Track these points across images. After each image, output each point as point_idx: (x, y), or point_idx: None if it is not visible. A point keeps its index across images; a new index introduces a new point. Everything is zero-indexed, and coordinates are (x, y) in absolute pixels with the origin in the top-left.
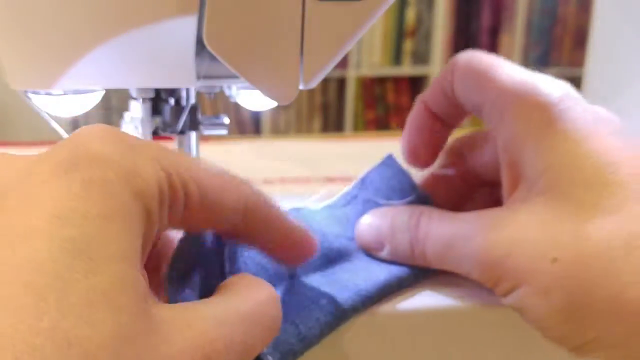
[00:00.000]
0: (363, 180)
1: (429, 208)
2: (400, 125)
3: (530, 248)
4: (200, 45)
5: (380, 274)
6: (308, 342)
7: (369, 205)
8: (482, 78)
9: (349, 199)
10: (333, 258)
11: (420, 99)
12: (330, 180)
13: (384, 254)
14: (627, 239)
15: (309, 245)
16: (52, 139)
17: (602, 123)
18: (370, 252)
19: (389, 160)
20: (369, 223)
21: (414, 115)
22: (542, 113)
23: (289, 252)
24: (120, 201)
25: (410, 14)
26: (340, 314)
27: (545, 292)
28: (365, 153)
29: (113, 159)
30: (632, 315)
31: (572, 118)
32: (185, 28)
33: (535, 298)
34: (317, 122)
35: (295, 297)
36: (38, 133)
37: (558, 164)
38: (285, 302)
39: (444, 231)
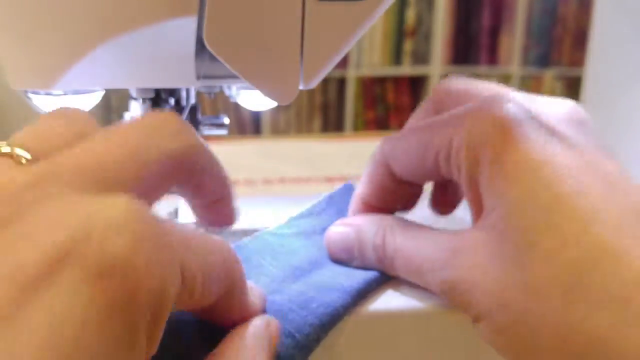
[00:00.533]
0: (330, 197)
1: (391, 223)
2: (401, 126)
3: (486, 289)
4: (200, 45)
5: (359, 272)
6: (308, 349)
7: (336, 218)
8: (425, 143)
9: (316, 212)
10: (308, 268)
11: (360, 201)
12: (330, 180)
13: (354, 264)
14: (564, 288)
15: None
16: None
17: (557, 152)
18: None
19: (349, 188)
20: (337, 237)
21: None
22: (493, 146)
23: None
24: (137, 329)
25: (410, 14)
26: (333, 313)
27: (499, 332)
28: (365, 153)
29: (141, 277)
30: (577, 356)
31: (524, 148)
32: (185, 28)
33: (492, 335)
34: (317, 122)
35: (283, 308)
36: None
37: (506, 201)
38: (276, 316)
39: (411, 253)
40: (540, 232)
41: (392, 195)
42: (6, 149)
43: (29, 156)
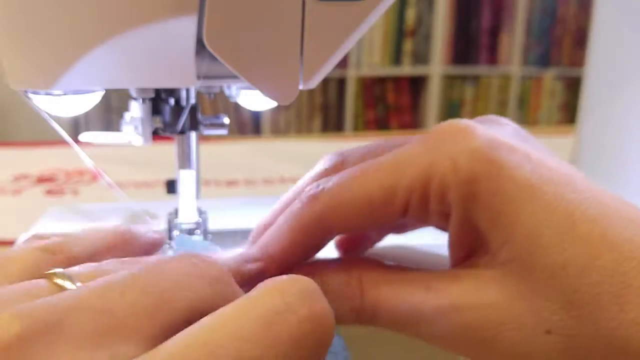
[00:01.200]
0: None
1: (364, 267)
2: (401, 125)
3: (522, 322)
4: (200, 45)
5: None
6: None
7: None
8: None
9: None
10: None
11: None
12: None
13: None
14: (609, 297)
15: None
16: (52, 139)
17: (543, 174)
18: None
19: None
20: None
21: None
22: (488, 179)
23: None
24: None
25: (410, 14)
26: None
27: None
28: None
29: None
30: None
31: (518, 175)
32: (185, 28)
33: None
34: (317, 122)
35: None
36: (38, 133)
37: (520, 232)
38: None
39: (401, 299)
40: (570, 247)
41: (314, 252)
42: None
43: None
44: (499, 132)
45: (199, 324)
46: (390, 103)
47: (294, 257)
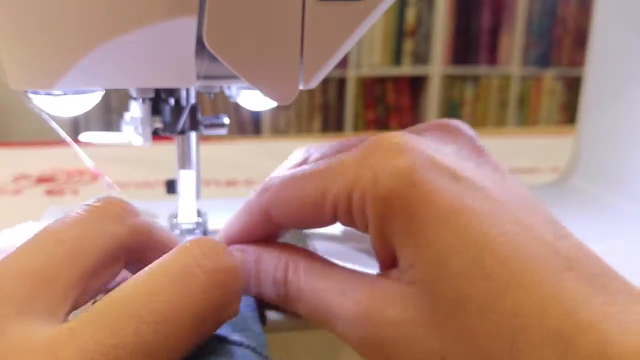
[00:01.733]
0: None
1: (295, 256)
2: (401, 126)
3: (419, 347)
4: (200, 45)
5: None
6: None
7: None
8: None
9: None
10: None
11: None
12: None
13: (251, 295)
14: (508, 338)
15: None
16: (52, 139)
17: (469, 197)
18: None
19: None
20: None
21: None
22: (404, 199)
23: None
24: None
25: (410, 14)
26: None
27: None
28: None
29: None
30: None
31: (436, 200)
32: (185, 28)
33: None
34: (317, 122)
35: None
36: (38, 133)
37: (428, 257)
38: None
39: (318, 298)
40: (474, 284)
41: (269, 239)
42: None
43: None
44: (440, 147)
45: (119, 287)
46: (390, 103)
47: (243, 240)
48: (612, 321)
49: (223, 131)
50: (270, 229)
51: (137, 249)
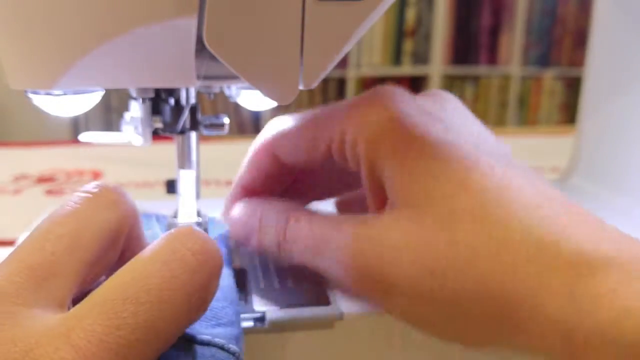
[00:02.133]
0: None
1: (298, 209)
2: None
3: (409, 259)
4: (200, 45)
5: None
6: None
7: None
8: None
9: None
10: None
11: (240, 187)
12: None
13: (251, 247)
14: (493, 243)
15: None
16: (52, 139)
17: (449, 140)
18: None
19: None
20: (239, 217)
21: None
22: (392, 141)
23: None
24: None
25: (410, 14)
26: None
27: (422, 302)
28: None
29: None
30: (504, 311)
31: (422, 142)
32: (185, 28)
33: (413, 307)
34: None
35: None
36: (38, 133)
37: (414, 195)
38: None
39: (312, 234)
40: (459, 200)
41: (277, 181)
42: None
43: None
44: (426, 101)
45: (116, 274)
46: None
47: (255, 180)
48: (586, 232)
49: (223, 131)
50: (276, 167)
51: (130, 233)
